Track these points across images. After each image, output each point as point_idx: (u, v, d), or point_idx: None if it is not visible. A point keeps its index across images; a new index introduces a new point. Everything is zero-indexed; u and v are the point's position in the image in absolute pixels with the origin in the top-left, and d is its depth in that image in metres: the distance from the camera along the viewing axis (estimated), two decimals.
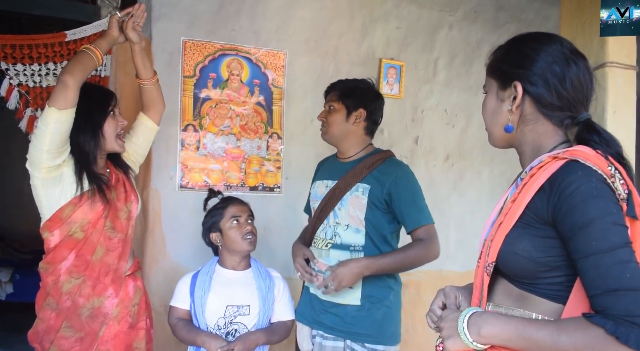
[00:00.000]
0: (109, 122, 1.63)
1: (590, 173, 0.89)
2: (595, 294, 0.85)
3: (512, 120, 1.04)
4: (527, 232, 0.95)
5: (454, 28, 2.84)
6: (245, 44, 2.39)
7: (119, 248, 1.64)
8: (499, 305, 1.02)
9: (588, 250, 0.86)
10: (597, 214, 0.86)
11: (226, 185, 2.35)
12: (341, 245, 1.77)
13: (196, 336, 1.72)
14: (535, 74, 1.00)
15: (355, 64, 2.63)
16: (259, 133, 2.42)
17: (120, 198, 1.67)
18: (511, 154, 3.21)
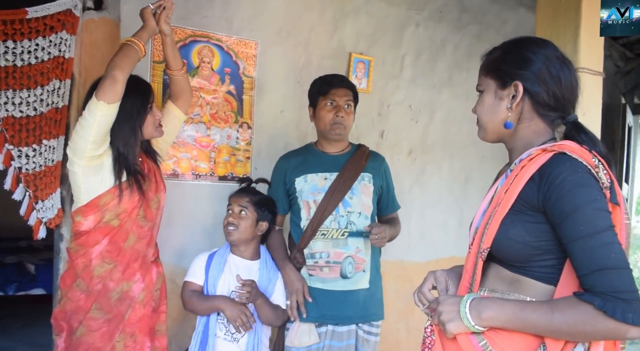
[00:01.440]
0: (147, 120, 1.70)
1: (577, 164, 0.98)
2: (583, 274, 0.94)
3: (511, 118, 1.11)
4: (519, 219, 1.03)
5: (421, 26, 2.93)
6: (217, 32, 2.35)
7: (148, 236, 1.73)
8: (494, 290, 1.09)
9: (576, 234, 0.95)
10: (584, 201, 0.95)
11: (195, 174, 2.31)
12: (357, 232, 1.90)
13: (213, 301, 1.81)
14: (534, 75, 1.08)
15: (326, 57, 2.66)
16: (229, 123, 2.39)
17: (152, 188, 1.74)
18: (470, 150, 3.36)
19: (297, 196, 1.95)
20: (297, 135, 2.62)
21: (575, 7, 1.72)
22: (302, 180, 1.95)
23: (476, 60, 3.46)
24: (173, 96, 1.90)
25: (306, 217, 1.93)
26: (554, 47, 1.13)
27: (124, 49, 1.61)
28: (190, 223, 2.29)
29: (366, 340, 1.89)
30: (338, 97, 1.93)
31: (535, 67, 1.09)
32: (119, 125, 1.62)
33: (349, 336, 1.86)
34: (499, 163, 3.54)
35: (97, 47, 2.15)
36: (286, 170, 2.00)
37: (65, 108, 2.06)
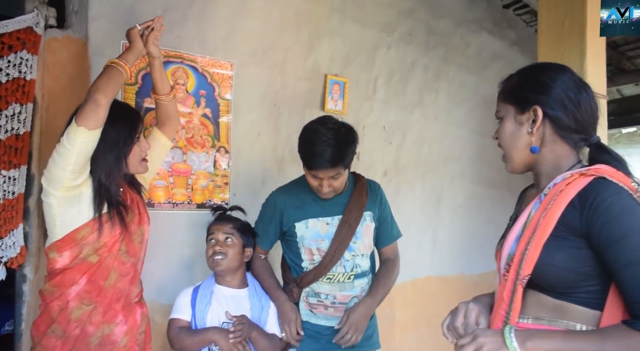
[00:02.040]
0: (134, 150, 1.58)
1: (620, 189, 0.99)
2: (634, 301, 0.93)
3: (534, 141, 1.11)
4: (561, 244, 1.02)
5: (392, 48, 2.96)
6: (191, 52, 2.25)
7: (131, 273, 1.60)
8: (539, 318, 1.06)
9: (625, 260, 0.94)
10: (632, 228, 0.95)
11: (172, 202, 2.16)
12: (362, 273, 1.84)
13: (205, 334, 1.71)
14: (553, 99, 1.09)
15: (302, 79, 2.61)
16: (206, 147, 2.27)
17: (134, 221, 1.61)
18: (440, 170, 3.41)
19: (298, 241, 1.84)
20: (274, 159, 2.53)
21: (580, 32, 1.77)
22: (302, 225, 1.83)
23: (444, 81, 3.58)
24: (159, 122, 1.80)
25: (309, 261, 1.84)
26: (571, 72, 1.15)
27: (107, 71, 1.51)
28: (167, 255, 2.13)
29: None
30: (322, 174, 1.72)
31: (553, 91, 1.10)
32: (103, 155, 1.51)
33: None
34: (467, 182, 3.64)
35: (62, 68, 1.99)
36: (283, 211, 1.86)
37: (27, 134, 1.86)
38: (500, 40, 3.56)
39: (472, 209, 3.42)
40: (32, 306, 1.89)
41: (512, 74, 1.20)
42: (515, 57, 3.67)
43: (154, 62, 1.70)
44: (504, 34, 3.58)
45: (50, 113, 1.95)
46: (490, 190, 3.52)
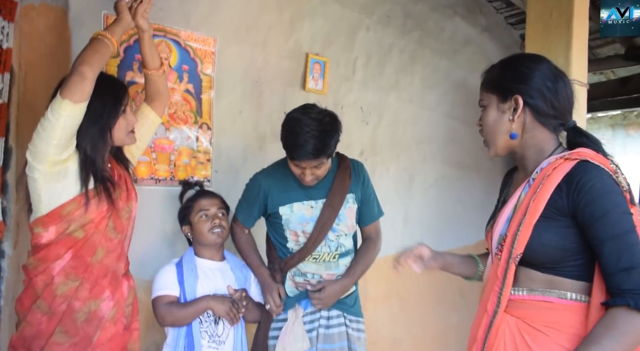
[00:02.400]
0: (119, 123, 1.56)
1: (602, 171, 1.08)
2: (611, 272, 1.02)
3: (515, 128, 1.19)
4: (550, 225, 1.10)
5: (371, 30, 2.99)
6: (174, 26, 2.20)
7: (118, 250, 1.58)
8: (533, 289, 1.15)
9: (605, 236, 1.03)
10: (611, 206, 1.04)
11: (155, 178, 2.14)
12: (346, 252, 1.91)
13: (199, 303, 1.73)
14: (532, 89, 1.17)
15: (284, 57, 2.61)
16: (189, 123, 2.26)
17: (122, 197, 1.60)
18: (413, 151, 3.51)
19: (283, 224, 1.87)
20: (255, 137, 2.54)
21: (566, 24, 1.87)
22: (287, 209, 1.86)
23: (419, 64, 3.65)
24: (148, 97, 1.77)
25: (294, 242, 1.88)
26: (548, 62, 1.23)
27: (93, 43, 1.47)
28: (149, 231, 2.12)
29: (357, 338, 1.89)
30: (304, 165, 1.73)
31: (532, 81, 1.18)
32: (87, 127, 1.48)
33: (340, 338, 1.84)
34: (438, 163, 3.76)
35: (39, 37, 1.91)
36: (267, 194, 1.88)
37: (4, 106, 1.79)
38: (472, 26, 3.65)
39: (442, 189, 3.55)
40: (11, 283, 1.85)
41: (493, 65, 1.28)
42: (485, 42, 3.79)
43: (143, 35, 1.67)
44: (476, 20, 3.68)
45: (28, 84, 1.88)
46: (459, 171, 3.66)
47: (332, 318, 1.87)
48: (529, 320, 1.16)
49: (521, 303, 1.18)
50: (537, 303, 1.15)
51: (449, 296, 3.60)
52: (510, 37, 4.04)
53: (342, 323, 1.88)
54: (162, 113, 1.82)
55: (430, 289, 3.48)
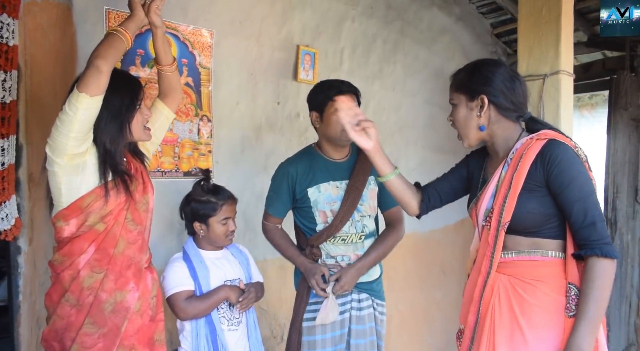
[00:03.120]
0: (137, 118, 1.59)
1: (566, 147, 1.32)
2: (579, 227, 1.27)
3: (482, 122, 1.42)
4: (532, 195, 1.33)
5: (356, 21, 3.09)
6: (173, 20, 2.24)
7: (139, 241, 1.61)
8: (520, 252, 1.38)
9: (574, 198, 1.27)
10: (576, 173, 1.28)
11: (160, 170, 2.19)
12: (370, 234, 2.00)
13: (217, 293, 1.81)
14: (495, 89, 1.40)
15: (276, 49, 2.68)
16: (190, 116, 2.31)
17: (139, 189, 1.62)
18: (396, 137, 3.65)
19: (312, 206, 1.96)
20: (252, 127, 2.62)
21: (556, 20, 2.04)
22: (315, 190, 1.95)
23: (401, 53, 3.78)
24: (162, 93, 1.80)
25: (323, 223, 1.97)
26: (505, 66, 1.47)
27: (108, 38, 1.50)
28: (158, 222, 2.16)
29: (381, 320, 2.03)
30: (347, 99, 1.84)
31: (494, 83, 1.40)
32: (107, 122, 1.53)
33: (369, 320, 1.98)
34: (420, 148, 3.93)
35: (43, 33, 1.92)
36: (295, 179, 1.98)
37: (14, 103, 1.80)
38: (448, 15, 3.81)
39: (424, 173, 3.70)
40: (28, 278, 1.88)
41: (460, 69, 1.50)
42: (460, 32, 3.95)
43: (157, 31, 1.69)
44: (451, 10, 3.83)
45: (34, 81, 1.89)
46: (440, 155, 3.85)
47: (362, 301, 1.99)
48: (519, 276, 1.38)
49: (511, 263, 1.40)
50: (524, 262, 1.38)
51: (433, 274, 3.81)
52: (482, 26, 4.22)
53: (370, 306, 2.00)
54: (175, 108, 1.84)
55: (415, 268, 3.67)
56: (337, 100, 1.65)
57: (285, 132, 2.77)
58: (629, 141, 3.54)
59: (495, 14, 4.15)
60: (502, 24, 4.24)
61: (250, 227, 2.58)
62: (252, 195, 2.60)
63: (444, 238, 3.91)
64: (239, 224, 2.54)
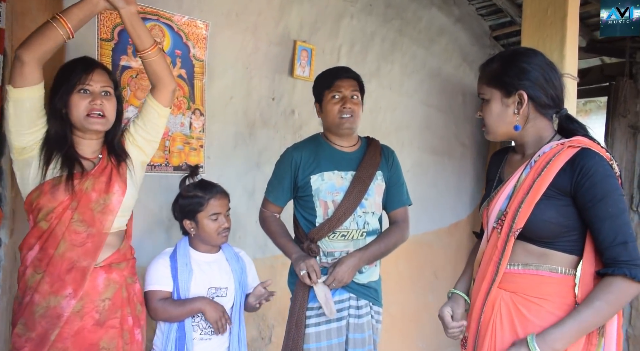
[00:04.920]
0: (74, 102, 1.46)
1: (602, 158, 1.21)
2: (609, 246, 1.16)
3: (519, 121, 1.30)
4: (552, 203, 1.22)
5: (354, 18, 3.04)
6: (167, 10, 2.17)
7: (87, 244, 1.47)
8: (527, 264, 1.27)
9: (605, 215, 1.16)
10: (611, 189, 1.17)
11: (150, 164, 2.13)
12: (372, 231, 1.89)
13: (193, 303, 1.68)
14: (533, 82, 1.27)
15: (273, 44, 2.62)
16: (182, 109, 2.24)
17: (96, 188, 1.49)
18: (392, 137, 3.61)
19: (313, 194, 1.85)
20: (245, 123, 2.56)
21: (561, 21, 1.99)
22: (318, 178, 1.85)
23: (399, 52, 3.74)
24: (152, 86, 1.62)
25: (323, 215, 1.85)
26: (543, 56, 1.33)
27: (42, 26, 1.40)
28: (145, 217, 2.12)
29: (377, 329, 1.92)
30: (344, 88, 1.85)
31: (532, 75, 1.27)
32: (49, 109, 1.46)
33: (368, 328, 1.87)
34: (415, 149, 3.90)
35: (32, 18, 1.84)
36: (299, 165, 1.88)
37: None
38: (447, 16, 3.77)
39: (419, 174, 3.68)
40: (8, 271, 1.81)
41: (490, 60, 1.35)
42: (458, 33, 3.92)
43: (121, 13, 1.46)
44: (450, 11, 3.80)
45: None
46: (434, 156, 3.81)
47: (361, 308, 1.86)
48: (522, 292, 1.27)
49: (516, 276, 1.29)
50: (530, 277, 1.27)
51: (425, 278, 3.77)
52: (481, 28, 4.19)
53: (368, 313, 1.88)
54: (168, 101, 1.63)
55: (407, 271, 3.63)
56: None
57: (280, 128, 2.71)
58: (626, 148, 3.53)
59: (494, 16, 4.13)
60: (501, 26, 4.22)
61: (242, 224, 2.52)
62: (243, 192, 2.54)
63: (437, 241, 3.87)
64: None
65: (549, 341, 1.17)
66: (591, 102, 6.54)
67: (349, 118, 1.85)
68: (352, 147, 1.94)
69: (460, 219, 4.12)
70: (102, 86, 1.51)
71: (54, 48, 1.39)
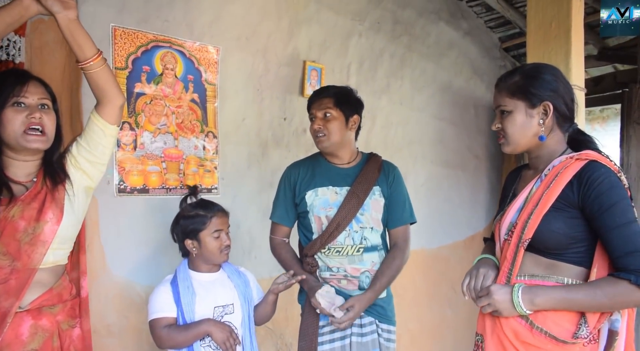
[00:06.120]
0: (8, 115, 1.30)
1: (609, 170, 1.22)
2: (619, 255, 1.17)
3: (544, 131, 1.32)
4: (560, 215, 1.24)
5: (363, 36, 3.08)
6: (179, 37, 2.24)
7: (11, 281, 1.28)
8: (534, 275, 1.28)
9: (613, 224, 1.17)
10: (618, 199, 1.19)
11: (165, 187, 2.17)
12: (371, 247, 1.87)
13: (199, 327, 1.66)
14: (559, 95, 1.30)
15: (283, 65, 2.67)
16: (195, 132, 2.29)
17: (25, 215, 1.31)
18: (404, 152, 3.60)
19: (309, 210, 1.88)
20: (258, 143, 2.59)
21: (565, 34, 2.02)
22: (312, 194, 1.89)
23: (408, 68, 3.76)
24: (97, 101, 1.44)
25: (317, 231, 1.88)
26: (561, 71, 1.37)
27: None
28: (161, 239, 2.15)
29: (387, 348, 1.88)
30: (314, 109, 1.89)
31: (556, 87, 1.31)
32: None
33: (373, 346, 1.84)
34: (428, 163, 3.89)
35: (49, 51, 1.92)
36: (296, 182, 1.93)
37: None
38: (455, 30, 3.79)
39: (432, 188, 3.67)
40: None
41: (510, 73, 1.37)
42: (468, 46, 3.93)
43: (57, 18, 1.29)
44: (459, 25, 3.82)
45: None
46: (448, 170, 3.80)
47: (365, 326, 1.85)
48: None
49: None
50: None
51: (443, 292, 3.74)
52: (490, 40, 4.20)
53: (374, 331, 1.86)
54: (115, 117, 1.45)
55: (424, 286, 3.60)
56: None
57: (292, 148, 2.74)
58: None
59: (503, 28, 4.14)
60: (511, 38, 4.22)
61: (256, 244, 2.55)
62: (258, 212, 2.56)
63: (453, 255, 3.84)
64: (245, 242, 2.52)
65: (531, 293, 1.22)
66: (608, 109, 6.47)
67: (322, 137, 1.86)
68: (349, 163, 1.94)
69: (476, 232, 4.08)
70: (39, 98, 1.36)
71: None
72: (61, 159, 1.45)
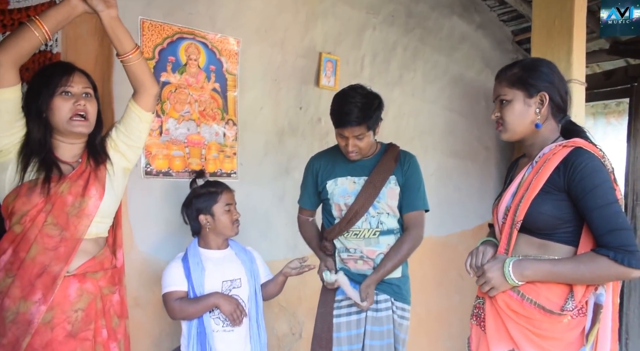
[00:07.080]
0: (56, 105, 1.45)
1: (592, 155, 1.33)
2: (600, 234, 1.28)
3: (540, 119, 1.43)
4: (548, 198, 1.35)
5: (377, 29, 3.18)
6: (202, 29, 2.36)
7: (60, 248, 1.44)
8: (527, 255, 1.40)
9: (595, 205, 1.28)
10: (600, 181, 1.29)
11: (188, 171, 2.31)
12: (387, 231, 2.00)
13: (208, 299, 1.80)
14: (554, 87, 1.42)
15: (299, 56, 2.78)
16: (217, 120, 2.43)
17: (72, 191, 1.47)
18: (415, 142, 3.70)
19: (329, 198, 2.04)
20: (275, 132, 2.72)
21: (567, 32, 2.12)
22: (332, 183, 2.04)
23: (420, 61, 3.84)
24: (134, 91, 1.60)
25: (338, 217, 2.03)
26: (555, 65, 1.48)
27: (17, 28, 1.38)
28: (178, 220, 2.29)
29: (399, 324, 2.00)
30: (347, 133, 1.90)
31: (552, 79, 1.42)
32: (27, 114, 1.46)
33: (387, 321, 1.98)
34: (438, 153, 3.98)
35: (83, 42, 2.05)
36: (317, 171, 2.10)
37: None
38: (468, 23, 3.86)
39: (442, 178, 3.77)
40: None
41: (510, 66, 1.48)
42: (480, 39, 4.00)
43: (101, 16, 1.44)
44: (471, 18, 3.89)
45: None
46: (457, 160, 3.89)
47: (380, 302, 1.98)
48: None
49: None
50: None
51: (450, 279, 3.85)
52: (503, 33, 4.26)
53: (389, 307, 1.98)
54: (150, 105, 1.61)
55: (432, 272, 3.72)
56: None
57: (307, 136, 2.87)
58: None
59: (516, 22, 4.19)
60: (523, 31, 4.27)
61: (272, 227, 2.68)
62: (274, 196, 2.70)
63: (461, 243, 3.94)
64: (261, 224, 2.66)
65: (521, 266, 1.34)
66: (624, 103, 6.46)
67: (353, 153, 1.96)
68: (367, 156, 2.04)
69: (484, 221, 4.17)
70: (83, 87, 1.51)
71: (30, 49, 1.38)
72: (102, 142, 1.62)
